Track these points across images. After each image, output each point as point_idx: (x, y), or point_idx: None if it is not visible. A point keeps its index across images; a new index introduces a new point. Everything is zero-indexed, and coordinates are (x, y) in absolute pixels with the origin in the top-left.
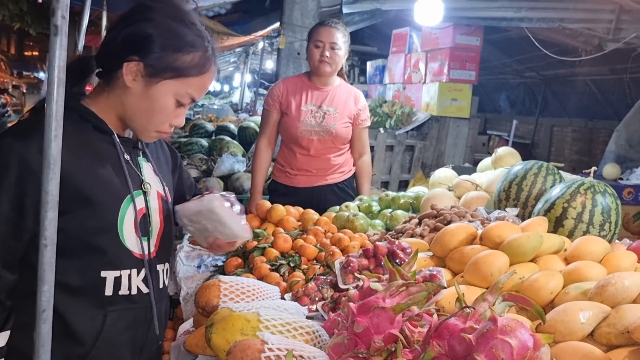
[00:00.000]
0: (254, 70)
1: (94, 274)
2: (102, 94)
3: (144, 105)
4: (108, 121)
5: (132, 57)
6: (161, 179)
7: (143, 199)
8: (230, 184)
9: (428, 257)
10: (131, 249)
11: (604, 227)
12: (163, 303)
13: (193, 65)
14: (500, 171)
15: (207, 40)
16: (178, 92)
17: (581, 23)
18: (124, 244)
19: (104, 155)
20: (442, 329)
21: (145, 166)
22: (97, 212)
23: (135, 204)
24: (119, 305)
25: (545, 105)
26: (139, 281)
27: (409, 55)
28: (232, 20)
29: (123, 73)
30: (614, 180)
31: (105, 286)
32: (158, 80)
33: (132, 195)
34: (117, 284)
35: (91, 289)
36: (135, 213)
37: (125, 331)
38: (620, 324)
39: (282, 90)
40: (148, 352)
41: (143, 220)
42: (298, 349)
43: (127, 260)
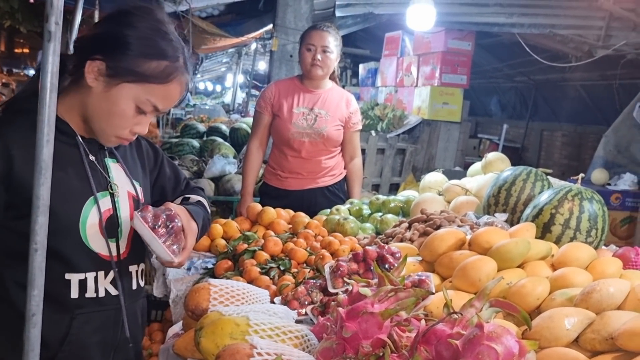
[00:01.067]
0: (247, 71)
1: (57, 277)
2: (69, 93)
3: (102, 106)
4: (72, 122)
5: (96, 56)
6: (132, 180)
7: (110, 200)
8: (221, 186)
9: (417, 262)
10: (97, 250)
11: (590, 233)
12: (137, 304)
13: (157, 72)
14: (489, 176)
15: (180, 51)
16: (139, 97)
17: (572, 29)
18: (87, 246)
19: (64, 157)
20: (430, 335)
21: (113, 167)
22: (54, 216)
23: (99, 206)
24: (86, 308)
25: (536, 109)
26: (106, 283)
27: (401, 59)
28: (225, 22)
29: (86, 69)
30: (602, 185)
31: (70, 289)
32: (118, 82)
33: (96, 196)
34: (83, 286)
35: (55, 293)
36: (99, 215)
37: (93, 334)
38: (605, 330)
39: (274, 92)
40: (121, 354)
41: (110, 222)
42: (287, 353)
43: (92, 262)
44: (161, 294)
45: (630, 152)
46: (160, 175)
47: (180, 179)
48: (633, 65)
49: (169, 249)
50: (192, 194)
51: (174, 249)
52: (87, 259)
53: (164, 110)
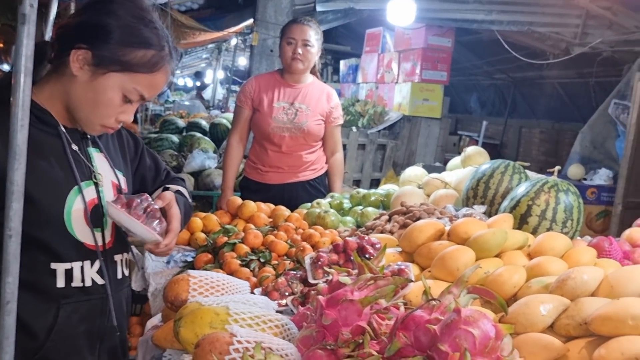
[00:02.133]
0: (227, 67)
1: (42, 267)
2: (50, 81)
3: (88, 95)
4: (54, 111)
5: (81, 45)
6: (115, 169)
7: (94, 190)
8: (201, 180)
9: (397, 253)
10: (82, 240)
11: (566, 224)
12: (122, 293)
13: (143, 62)
14: (468, 170)
15: (165, 40)
16: (125, 87)
17: (549, 27)
18: (73, 236)
19: (46, 147)
20: (409, 321)
21: (96, 156)
22: (37, 206)
23: (83, 195)
24: (73, 298)
25: (514, 106)
26: (93, 273)
27: (382, 55)
28: (205, 16)
29: (71, 59)
30: (578, 180)
31: (56, 279)
32: (104, 72)
33: (80, 186)
34: (69, 276)
35: (41, 283)
36: (84, 204)
37: (80, 323)
38: (579, 316)
39: (255, 86)
40: (108, 342)
41: (95, 211)
42: (267, 341)
43: (78, 252)
44: (140, 288)
45: (606, 148)
46: (140, 165)
47: (160, 168)
48: (608, 63)
49: (150, 227)
50: (173, 184)
51: (154, 226)
52: (73, 248)
53: (150, 99)
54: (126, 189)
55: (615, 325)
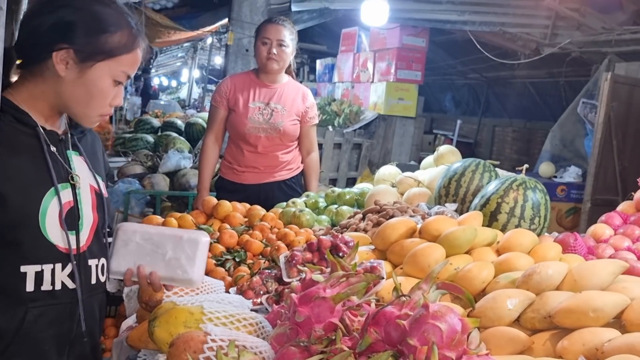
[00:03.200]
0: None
1: (12, 269)
2: (26, 84)
3: (81, 91)
4: (33, 112)
5: (60, 46)
6: (94, 173)
7: (71, 192)
8: (177, 181)
9: (370, 250)
10: (55, 243)
11: (534, 221)
12: (95, 298)
13: (123, 44)
14: (441, 168)
15: (129, 16)
16: (113, 72)
17: (520, 27)
18: (46, 238)
19: (23, 148)
20: (379, 317)
21: (75, 159)
22: (11, 207)
23: (59, 197)
24: (41, 302)
25: (488, 106)
26: (64, 276)
27: (358, 55)
28: (180, 15)
29: (54, 63)
30: (549, 178)
31: (25, 282)
32: (92, 64)
33: (57, 187)
34: (39, 279)
35: (10, 285)
36: (60, 206)
37: (48, 327)
38: (544, 309)
39: (230, 86)
40: (78, 348)
41: (70, 214)
42: (241, 339)
43: (49, 254)
44: (114, 289)
45: (575, 146)
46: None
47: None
48: (577, 63)
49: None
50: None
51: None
52: (45, 250)
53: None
54: (106, 194)
55: (578, 317)
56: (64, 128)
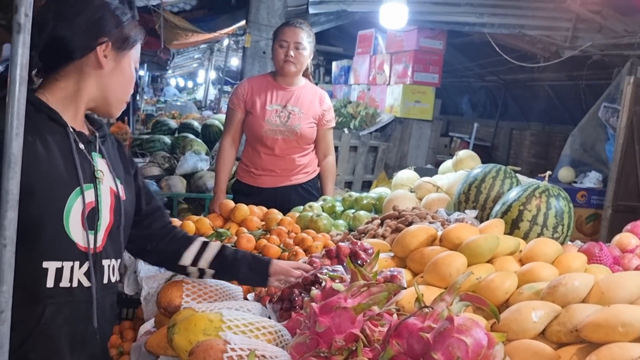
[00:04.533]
0: (219, 68)
1: (34, 264)
2: (59, 85)
3: (119, 79)
4: (64, 113)
5: (101, 40)
6: (115, 176)
7: (94, 193)
8: (193, 183)
9: (389, 258)
10: (76, 241)
11: (557, 229)
12: (107, 299)
13: (136, 31)
14: (460, 174)
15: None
16: (135, 58)
17: (540, 30)
18: (68, 235)
19: (55, 145)
20: (402, 328)
21: (99, 161)
22: (39, 202)
23: (84, 197)
24: (59, 298)
25: (505, 109)
26: (80, 274)
27: (374, 57)
28: (197, 17)
29: (98, 56)
30: (569, 183)
31: (47, 277)
32: (125, 53)
33: (82, 187)
34: (59, 275)
35: (31, 280)
36: (83, 205)
37: (63, 325)
38: (570, 322)
39: (247, 89)
40: (89, 347)
41: (91, 214)
42: (260, 348)
43: (70, 251)
44: (132, 292)
45: (596, 151)
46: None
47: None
48: (598, 66)
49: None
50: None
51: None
52: (66, 247)
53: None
54: (124, 197)
55: (606, 332)
56: (87, 131)
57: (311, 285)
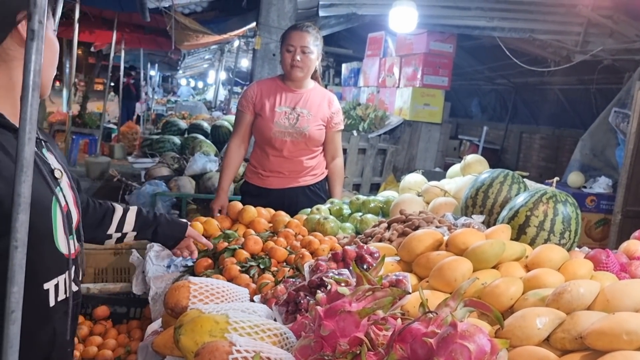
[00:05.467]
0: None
1: (37, 290)
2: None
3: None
4: (6, 111)
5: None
6: (64, 167)
7: (61, 194)
8: (202, 184)
9: (395, 262)
10: (63, 252)
11: (564, 235)
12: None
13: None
14: (468, 178)
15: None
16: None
17: (550, 35)
18: (59, 250)
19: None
20: (406, 333)
21: (50, 158)
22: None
23: (60, 203)
24: (60, 312)
25: (515, 112)
26: (69, 282)
27: (384, 59)
28: (208, 19)
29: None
30: (578, 188)
31: (49, 297)
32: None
33: (56, 195)
34: (57, 291)
35: (39, 304)
36: (62, 213)
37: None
38: (575, 329)
39: (257, 91)
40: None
41: (68, 218)
42: (265, 350)
43: (61, 265)
44: (140, 292)
45: (606, 156)
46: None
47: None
48: (609, 70)
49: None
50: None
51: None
52: (59, 263)
53: None
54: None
55: (611, 340)
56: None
57: (317, 288)
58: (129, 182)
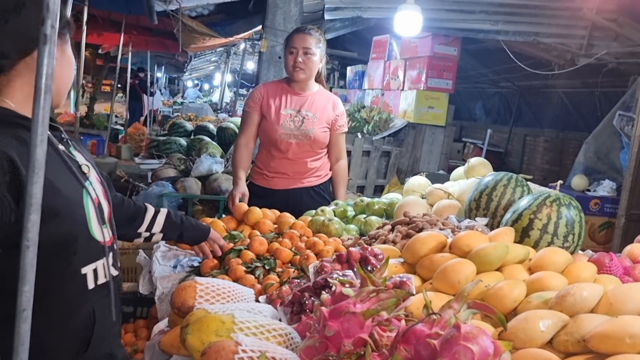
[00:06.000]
0: (235, 71)
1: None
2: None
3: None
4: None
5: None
6: (92, 163)
7: (92, 188)
8: (208, 185)
9: (399, 264)
10: (99, 239)
11: (567, 238)
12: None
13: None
14: (472, 181)
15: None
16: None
17: (555, 38)
18: (94, 237)
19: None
20: (409, 334)
21: (77, 155)
22: (68, 218)
23: (90, 195)
24: (98, 295)
25: (519, 115)
26: (109, 267)
27: (389, 62)
28: (215, 22)
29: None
30: (582, 191)
31: (87, 281)
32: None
33: (86, 188)
34: (95, 275)
35: (76, 287)
36: (94, 204)
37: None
38: (578, 332)
39: (263, 93)
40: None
41: (99, 208)
42: (271, 350)
43: (98, 251)
44: (147, 291)
45: (610, 159)
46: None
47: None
48: (614, 74)
49: None
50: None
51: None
52: (95, 248)
53: None
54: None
55: (614, 343)
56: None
57: (321, 289)
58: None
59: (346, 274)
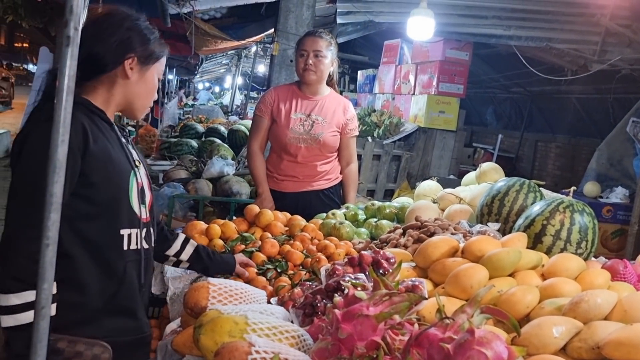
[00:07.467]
0: (246, 74)
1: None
2: (98, 91)
3: (142, 88)
4: (107, 112)
5: (128, 55)
6: (145, 165)
7: (139, 175)
8: (219, 187)
9: (411, 268)
10: (137, 212)
11: (580, 245)
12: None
13: (162, 48)
14: (483, 186)
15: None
16: (159, 71)
17: (568, 44)
18: (132, 209)
19: (111, 140)
20: (422, 338)
21: (132, 151)
22: (116, 184)
23: (137, 178)
24: (132, 257)
25: (531, 120)
26: (141, 239)
27: (400, 67)
28: (227, 25)
29: (125, 69)
30: (594, 198)
31: (123, 241)
32: (148, 67)
33: (135, 171)
34: (130, 240)
35: (114, 244)
36: (137, 184)
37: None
38: (591, 339)
39: (274, 97)
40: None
41: (141, 191)
42: (284, 352)
43: (135, 221)
44: (159, 292)
45: (623, 166)
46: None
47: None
48: (627, 80)
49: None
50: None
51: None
52: (132, 218)
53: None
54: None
55: (628, 350)
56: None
57: (333, 292)
58: None
59: (358, 277)
